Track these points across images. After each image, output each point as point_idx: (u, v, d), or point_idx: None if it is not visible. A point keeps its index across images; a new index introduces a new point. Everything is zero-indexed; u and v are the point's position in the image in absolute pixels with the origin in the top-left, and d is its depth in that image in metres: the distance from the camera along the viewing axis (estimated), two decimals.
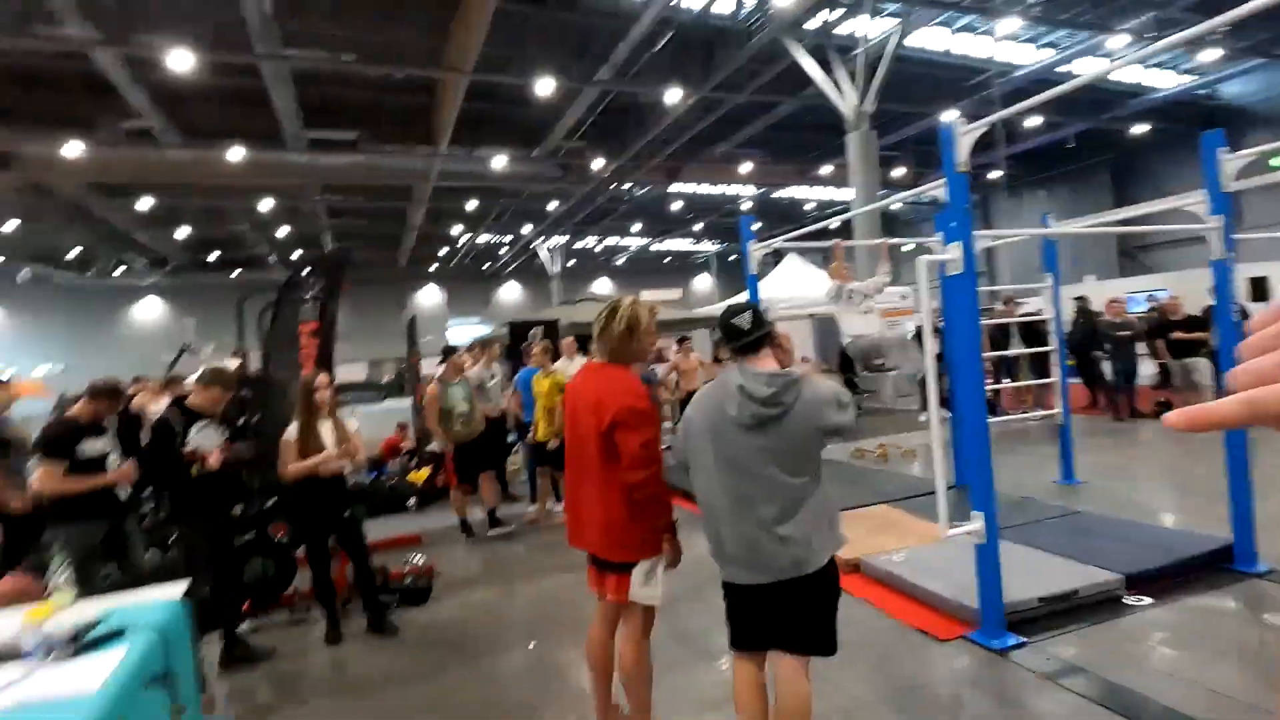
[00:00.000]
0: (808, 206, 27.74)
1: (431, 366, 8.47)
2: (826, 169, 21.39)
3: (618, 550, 2.64)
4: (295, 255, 27.64)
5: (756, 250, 5.30)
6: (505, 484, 7.75)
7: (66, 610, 2.57)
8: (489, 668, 3.74)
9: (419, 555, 5.11)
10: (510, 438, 7.61)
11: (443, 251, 32.39)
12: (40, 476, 3.65)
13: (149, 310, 31.43)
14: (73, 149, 14.31)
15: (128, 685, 2.13)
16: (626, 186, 22.10)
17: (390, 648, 4.09)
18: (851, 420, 2.38)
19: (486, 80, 13.45)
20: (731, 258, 37.58)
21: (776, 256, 18.85)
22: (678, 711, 3.01)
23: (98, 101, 13.54)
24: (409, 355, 8.93)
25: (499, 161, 17.81)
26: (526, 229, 27.01)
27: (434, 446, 8.58)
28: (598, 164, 18.51)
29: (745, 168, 20.90)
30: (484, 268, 36.25)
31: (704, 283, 40.67)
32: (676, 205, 26.97)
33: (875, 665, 3.41)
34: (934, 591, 3.90)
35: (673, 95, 14.21)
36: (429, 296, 35.59)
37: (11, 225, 21.79)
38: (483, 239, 29.56)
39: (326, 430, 4.16)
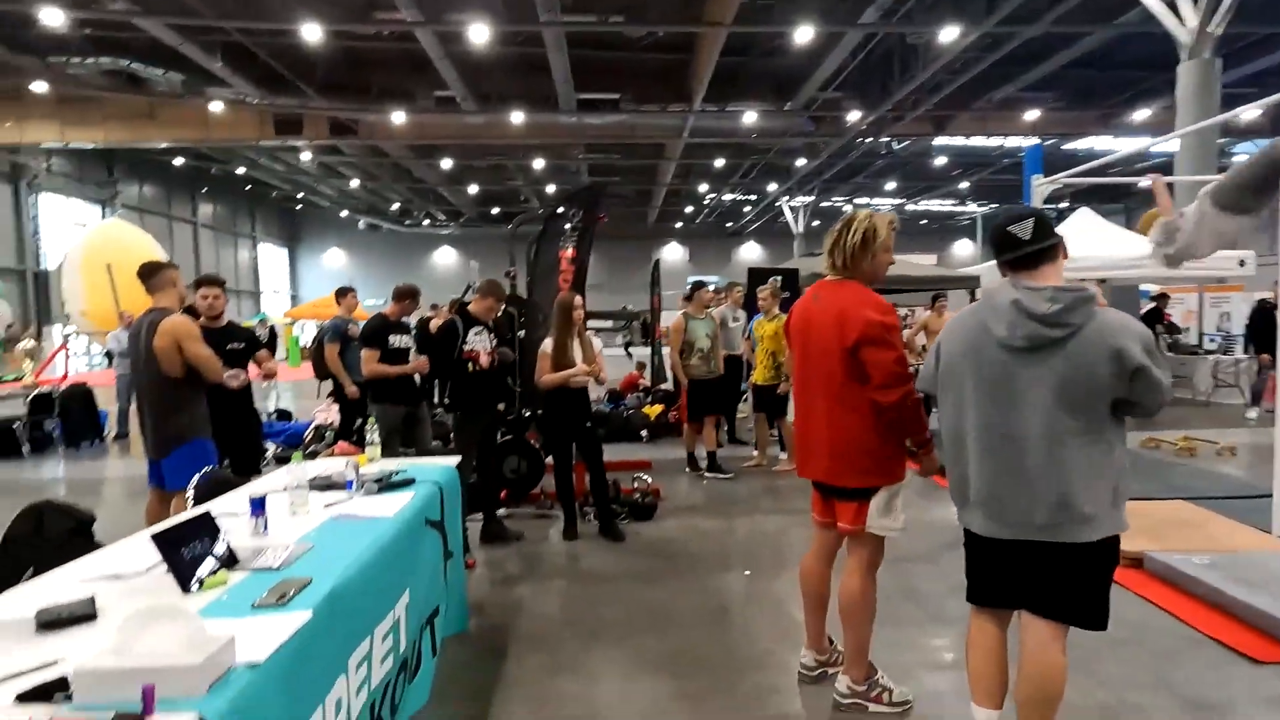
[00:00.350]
0: (1114, 159, 23.35)
1: (671, 319, 8.83)
2: (1141, 113, 17.73)
3: (854, 475, 2.48)
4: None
5: (1043, 186, 4.56)
6: (733, 428, 7.86)
7: (375, 463, 3.20)
8: (706, 584, 3.86)
9: (648, 477, 5.44)
10: (743, 385, 7.65)
11: (688, 209, 33.30)
12: (364, 360, 4.56)
13: (445, 256, 37.07)
14: (398, 117, 17.17)
15: (413, 518, 2.57)
16: (884, 140, 20.54)
17: (617, 551, 4.43)
18: (1161, 373, 1.90)
19: (743, 32, 13.29)
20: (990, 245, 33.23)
21: (1059, 215, 16.24)
22: (898, 665, 2.82)
23: (416, 75, 16.00)
24: (651, 296, 9.37)
25: (750, 116, 17.63)
26: (772, 187, 26.56)
27: (667, 386, 9.00)
28: (853, 116, 17.41)
29: (1031, 115, 18.13)
30: (727, 226, 36.58)
31: (964, 249, 36.71)
32: (940, 160, 24.49)
33: (1154, 669, 2.87)
34: (1253, 605, 3.14)
35: (949, 34, 12.73)
36: (672, 253, 36.91)
37: (355, 183, 26.96)
38: (728, 197, 29.75)
39: (577, 348, 4.55)
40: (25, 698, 1.27)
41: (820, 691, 2.72)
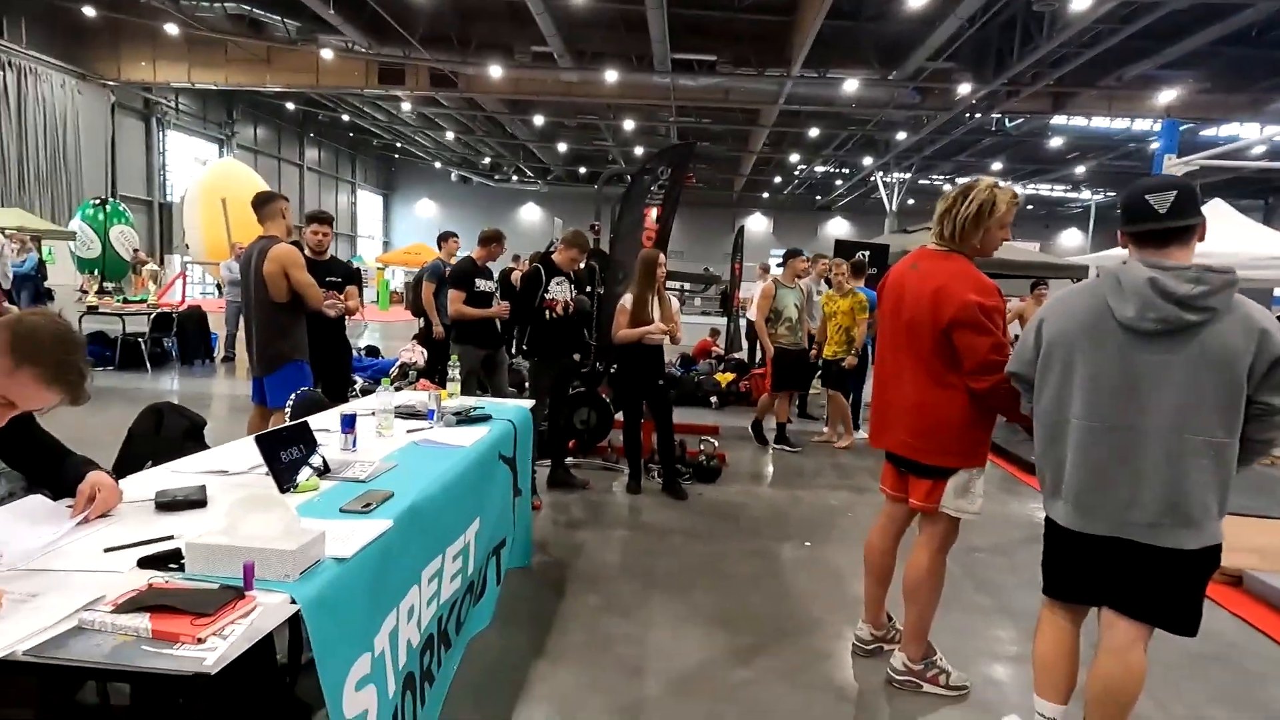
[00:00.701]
0: (1256, 151, 21.13)
1: (752, 289, 8.70)
2: None
3: (935, 454, 2.39)
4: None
5: (1176, 167, 4.17)
6: (804, 403, 7.74)
7: (455, 398, 3.34)
8: (764, 549, 3.87)
9: (715, 441, 5.45)
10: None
11: (777, 180, 32.45)
12: (450, 300, 4.73)
13: (530, 213, 37.67)
14: (495, 71, 17.38)
15: (488, 451, 2.68)
16: (995, 116, 19.28)
17: (679, 509, 4.48)
18: None
19: None
20: (1118, 211, 30.79)
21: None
22: (958, 650, 2.75)
23: (516, 29, 16.10)
24: (732, 263, 9.24)
25: (851, 85, 16.88)
26: (867, 161, 25.48)
27: (740, 355, 8.91)
28: (964, 89, 16.37)
29: (1166, 95, 16.57)
30: (815, 199, 35.49)
31: (1072, 239, 34.37)
32: (1055, 142, 22.81)
33: (1240, 689, 2.70)
34: None
35: (1082, 1, 11.69)
36: (756, 224, 36.20)
37: (450, 136, 27.62)
38: (819, 169, 28.79)
39: (655, 306, 4.56)
40: (145, 563, 1.42)
41: (873, 666, 2.70)
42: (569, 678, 2.52)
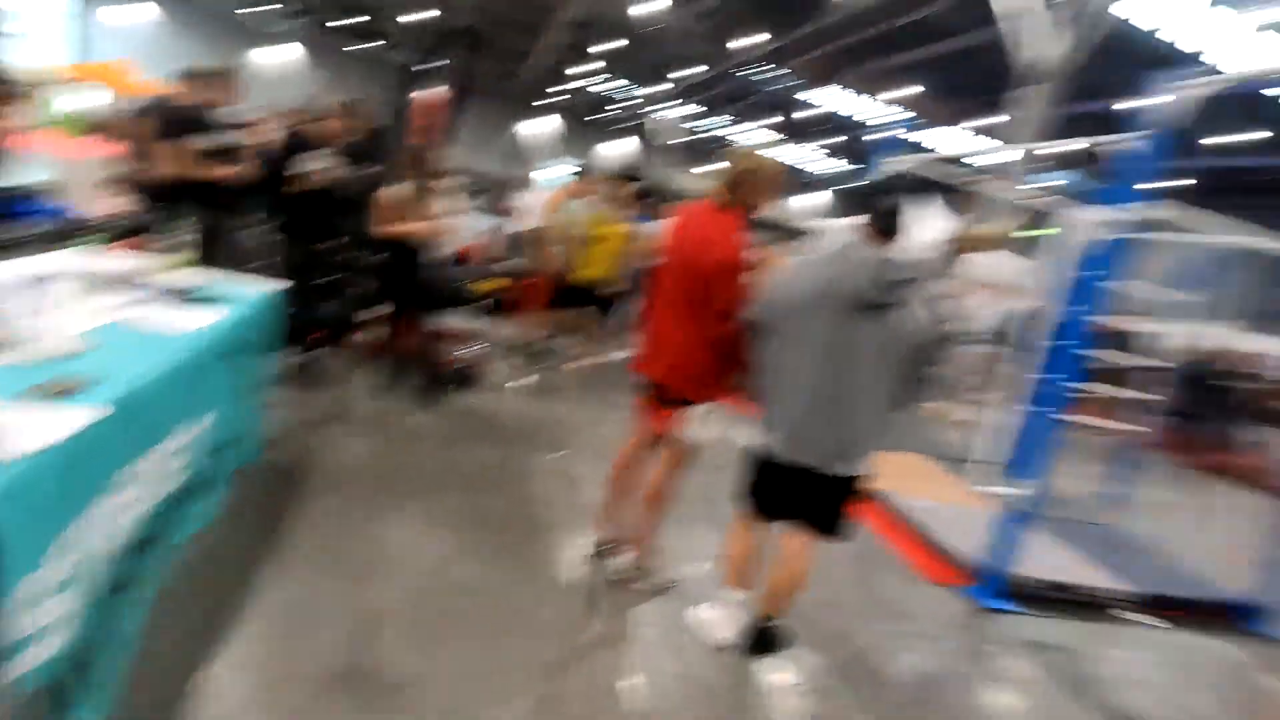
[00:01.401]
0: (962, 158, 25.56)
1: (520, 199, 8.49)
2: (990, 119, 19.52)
3: (685, 386, 2.71)
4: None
5: (891, 165, 4.96)
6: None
7: (181, 271, 2.85)
8: (512, 457, 4.01)
9: (473, 349, 5.39)
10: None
11: (564, 87, 31.44)
12: (176, 154, 3.90)
13: (281, 57, 31.78)
14: None
15: (219, 336, 2.38)
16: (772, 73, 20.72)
17: (430, 413, 4.41)
18: (943, 353, 2.37)
19: None
20: (859, 196, 35.44)
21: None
22: (673, 552, 3.21)
23: None
24: (508, 166, 8.91)
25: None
26: (666, 87, 25.75)
27: (508, 264, 8.75)
28: (760, 37, 17.14)
29: (908, 91, 19.20)
30: (599, 115, 35.22)
31: (808, 202, 38.85)
32: (812, 110, 25.27)
33: (859, 578, 3.56)
34: (943, 541, 3.95)
35: None
36: (535, 130, 34.98)
37: None
38: (608, 86, 28.50)
39: (423, 202, 4.28)
40: None
41: (601, 566, 3.02)
42: (298, 583, 2.44)
